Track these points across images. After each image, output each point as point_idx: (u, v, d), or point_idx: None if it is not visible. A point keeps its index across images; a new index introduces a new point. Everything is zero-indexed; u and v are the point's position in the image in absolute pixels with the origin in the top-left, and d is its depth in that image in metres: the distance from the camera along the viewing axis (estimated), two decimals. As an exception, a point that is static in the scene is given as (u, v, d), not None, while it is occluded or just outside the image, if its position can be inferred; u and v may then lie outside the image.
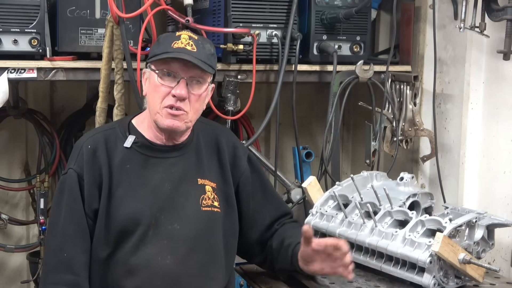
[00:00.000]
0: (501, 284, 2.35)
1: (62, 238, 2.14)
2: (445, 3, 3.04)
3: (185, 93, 2.13)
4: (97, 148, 2.19)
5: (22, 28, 2.72)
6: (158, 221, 2.16)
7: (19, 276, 3.63)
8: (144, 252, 2.14)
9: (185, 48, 2.14)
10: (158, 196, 2.18)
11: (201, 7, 3.09)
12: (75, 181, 2.16)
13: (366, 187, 2.56)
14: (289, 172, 3.62)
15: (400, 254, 2.21)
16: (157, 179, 2.20)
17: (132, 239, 2.14)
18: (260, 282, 2.42)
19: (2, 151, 3.54)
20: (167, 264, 2.14)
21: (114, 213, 2.15)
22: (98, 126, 2.37)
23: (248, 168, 2.38)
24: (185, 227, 2.18)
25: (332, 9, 3.02)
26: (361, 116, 3.53)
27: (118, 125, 2.29)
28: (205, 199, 2.24)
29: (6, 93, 2.69)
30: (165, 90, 2.14)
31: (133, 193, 2.17)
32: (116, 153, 2.20)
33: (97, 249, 2.16)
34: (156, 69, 2.16)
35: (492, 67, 2.87)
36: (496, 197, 2.89)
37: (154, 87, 2.17)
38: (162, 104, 2.15)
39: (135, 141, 2.22)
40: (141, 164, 2.21)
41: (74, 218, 2.15)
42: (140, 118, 2.29)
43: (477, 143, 2.96)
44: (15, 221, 3.51)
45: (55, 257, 2.14)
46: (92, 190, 2.16)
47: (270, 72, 3.03)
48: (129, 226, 2.14)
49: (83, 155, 2.18)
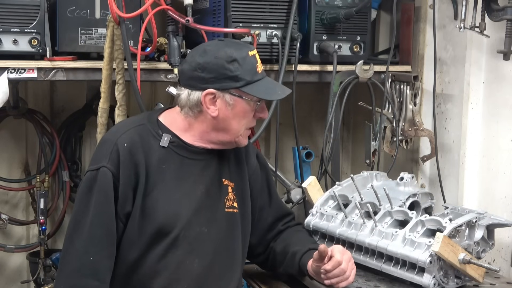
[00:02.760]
0: (501, 284, 2.35)
1: (88, 239, 2.06)
2: (445, 3, 3.04)
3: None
4: (133, 146, 2.10)
5: (22, 28, 2.72)
6: (190, 224, 2.13)
7: (19, 276, 3.63)
8: (174, 254, 2.11)
9: (268, 78, 2.19)
10: (192, 198, 2.16)
11: (201, 7, 3.09)
12: (109, 181, 2.06)
13: (366, 187, 2.56)
14: (289, 172, 3.62)
15: (400, 254, 2.21)
16: (191, 181, 2.17)
17: (165, 241, 2.10)
18: (260, 282, 2.42)
19: (2, 151, 3.54)
20: (195, 268, 2.13)
21: (150, 215, 2.09)
22: (123, 121, 2.26)
23: (258, 165, 2.39)
24: (212, 230, 2.17)
25: (332, 9, 3.02)
26: (361, 116, 3.53)
27: (147, 121, 2.20)
28: (228, 200, 2.23)
29: (6, 93, 2.69)
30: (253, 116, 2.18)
31: (169, 195, 2.12)
32: (152, 152, 2.13)
33: (126, 251, 2.10)
34: (256, 100, 2.15)
35: (492, 67, 2.87)
36: (496, 197, 2.89)
37: (244, 113, 2.14)
38: (246, 126, 2.19)
39: (171, 141, 2.16)
40: (177, 165, 2.16)
41: (104, 220, 2.06)
42: (169, 117, 2.22)
43: (477, 143, 2.96)
44: (15, 221, 3.50)
45: (79, 259, 2.06)
46: (127, 192, 2.08)
47: (270, 72, 3.02)
48: (165, 229, 2.10)
49: (119, 153, 2.08)
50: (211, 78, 2.10)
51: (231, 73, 2.10)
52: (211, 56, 2.11)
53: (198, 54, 2.14)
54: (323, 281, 2.19)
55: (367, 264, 2.33)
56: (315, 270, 2.20)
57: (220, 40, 2.26)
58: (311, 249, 2.27)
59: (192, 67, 2.12)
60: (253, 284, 2.46)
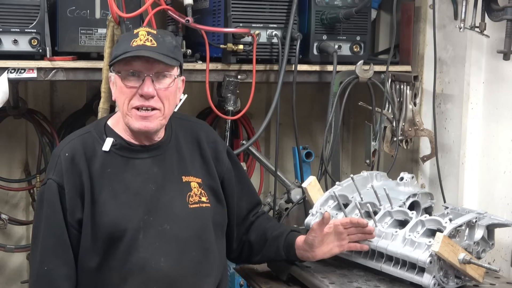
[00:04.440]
0: (501, 284, 2.35)
1: (42, 251, 2.09)
2: (445, 3, 3.04)
3: (152, 90, 2.07)
4: (75, 154, 2.12)
5: (22, 28, 2.72)
6: (147, 224, 2.11)
7: (19, 276, 3.63)
8: (137, 257, 2.09)
9: (144, 45, 2.08)
10: (143, 198, 2.13)
11: (201, 7, 3.09)
12: (55, 192, 2.09)
13: (366, 187, 2.56)
14: (289, 172, 3.62)
15: (400, 254, 2.21)
16: (139, 180, 2.15)
17: (122, 244, 2.09)
18: (260, 282, 2.42)
19: (2, 151, 3.55)
20: (162, 267, 2.11)
21: (99, 221, 2.08)
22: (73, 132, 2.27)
23: (229, 162, 2.37)
24: (175, 227, 2.15)
25: (332, 9, 3.02)
26: (361, 116, 3.54)
27: (94, 128, 2.21)
28: (191, 196, 2.20)
29: (6, 93, 2.69)
30: (131, 91, 2.08)
31: (116, 198, 2.11)
32: (95, 158, 2.13)
33: (85, 258, 2.10)
34: (119, 71, 2.10)
35: (492, 67, 2.87)
36: (496, 197, 2.89)
37: (120, 89, 2.10)
38: (129, 105, 2.09)
39: (113, 144, 2.15)
40: (122, 167, 2.14)
41: (54, 230, 2.08)
42: (115, 118, 2.22)
43: (477, 143, 2.96)
44: (15, 221, 3.51)
45: (37, 271, 2.10)
46: (74, 199, 2.09)
47: (270, 72, 3.03)
48: (116, 232, 2.08)
49: (62, 164, 2.10)
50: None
51: (113, 53, 2.15)
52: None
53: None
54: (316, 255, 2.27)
55: (367, 264, 2.33)
56: (311, 241, 2.25)
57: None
58: (293, 230, 2.36)
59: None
60: (253, 284, 2.46)
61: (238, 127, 3.62)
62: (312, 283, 2.30)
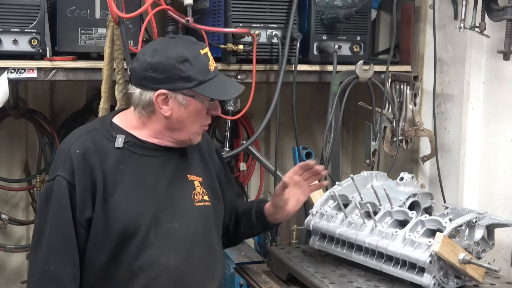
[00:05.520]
0: (501, 284, 2.35)
1: (48, 249, 2.07)
2: (445, 3, 3.04)
3: None
4: (86, 151, 2.10)
5: (22, 28, 2.72)
6: (158, 221, 2.13)
7: (19, 276, 3.63)
8: (147, 253, 2.11)
9: (221, 75, 2.18)
10: (155, 195, 2.15)
11: (201, 7, 3.09)
12: (65, 189, 2.06)
13: (366, 187, 2.56)
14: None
15: (400, 254, 2.21)
16: (152, 178, 2.16)
17: (135, 241, 2.10)
18: (260, 282, 2.43)
19: (2, 151, 3.55)
20: (171, 263, 2.13)
21: (113, 217, 2.08)
22: (77, 128, 2.24)
23: (219, 160, 2.43)
24: (183, 224, 2.17)
25: (332, 9, 3.02)
26: (361, 116, 3.54)
27: (100, 125, 2.20)
28: (196, 194, 2.23)
29: (6, 93, 2.69)
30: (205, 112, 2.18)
31: (130, 195, 2.12)
32: (107, 154, 2.12)
33: (94, 254, 2.10)
34: (211, 100, 2.14)
35: (492, 67, 2.87)
36: (496, 197, 2.89)
37: (197, 112, 2.14)
38: (201, 124, 2.19)
39: (126, 141, 2.15)
40: (135, 164, 2.15)
41: (61, 229, 2.07)
42: (124, 117, 2.22)
43: (477, 143, 2.96)
44: (15, 221, 3.51)
45: (41, 269, 2.08)
46: (85, 197, 2.08)
47: (270, 72, 3.03)
48: (130, 229, 2.09)
49: (72, 161, 2.08)
50: (163, 79, 2.08)
51: (182, 73, 2.08)
52: (161, 55, 2.08)
53: (149, 53, 2.11)
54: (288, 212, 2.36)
55: (367, 264, 2.33)
56: (277, 203, 2.35)
57: (171, 37, 2.23)
58: (260, 201, 2.46)
59: (143, 67, 2.10)
60: (253, 284, 2.46)
61: (238, 127, 3.62)
62: (312, 283, 2.30)
